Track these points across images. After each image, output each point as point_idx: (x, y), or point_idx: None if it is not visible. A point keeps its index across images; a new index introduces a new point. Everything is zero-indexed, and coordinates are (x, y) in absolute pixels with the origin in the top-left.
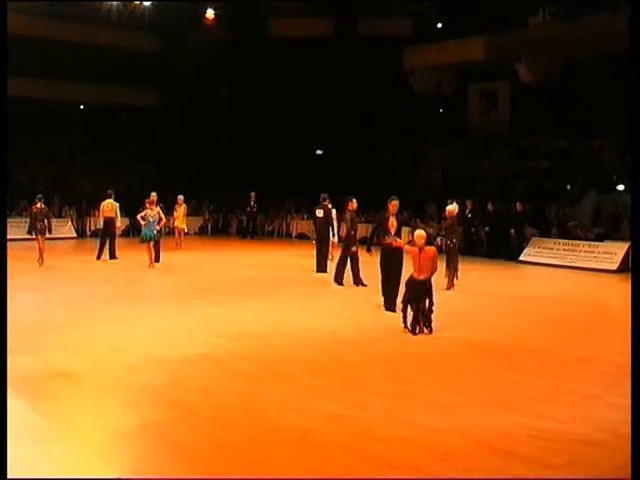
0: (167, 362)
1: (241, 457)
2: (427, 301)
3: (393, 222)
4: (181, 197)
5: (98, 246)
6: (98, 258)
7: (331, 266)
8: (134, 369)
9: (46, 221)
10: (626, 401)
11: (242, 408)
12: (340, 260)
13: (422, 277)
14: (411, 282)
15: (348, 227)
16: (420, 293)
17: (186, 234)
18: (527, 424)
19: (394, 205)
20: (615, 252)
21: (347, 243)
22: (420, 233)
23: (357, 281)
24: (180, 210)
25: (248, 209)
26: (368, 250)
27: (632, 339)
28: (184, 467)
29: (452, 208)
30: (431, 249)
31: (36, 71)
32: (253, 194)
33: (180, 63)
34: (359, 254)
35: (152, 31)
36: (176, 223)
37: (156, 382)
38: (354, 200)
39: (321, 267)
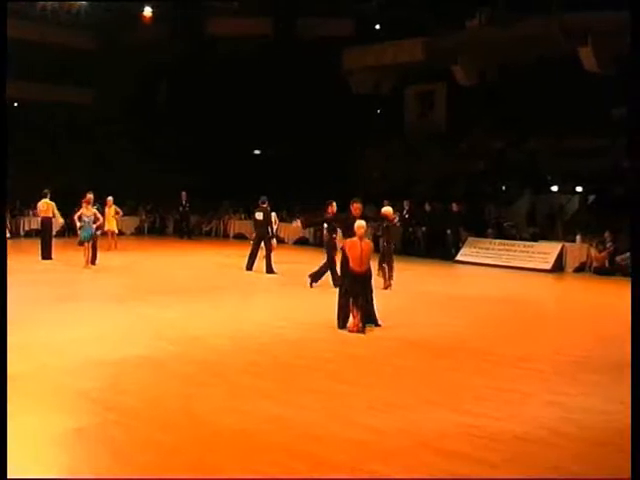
0: (105, 365)
1: (181, 460)
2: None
3: None
4: (110, 198)
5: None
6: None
7: (280, 268)
8: (72, 372)
9: None
10: (563, 399)
11: (182, 411)
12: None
13: (364, 268)
14: (355, 277)
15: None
16: (365, 286)
17: (120, 234)
18: (467, 423)
19: (357, 208)
20: (549, 252)
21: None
22: (361, 223)
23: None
24: (109, 211)
25: (180, 209)
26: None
27: (632, 339)
28: (124, 471)
29: (387, 210)
30: (369, 241)
31: None
32: (184, 194)
33: (117, 62)
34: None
35: (88, 29)
36: (106, 226)
37: (94, 385)
38: (334, 203)
39: (250, 266)
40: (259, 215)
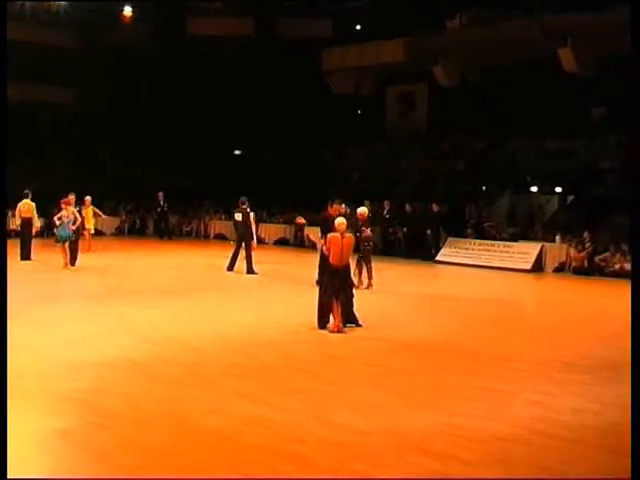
0: (88, 366)
1: (165, 462)
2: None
3: None
4: (88, 198)
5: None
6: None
7: (260, 269)
8: (53, 374)
9: None
10: (548, 399)
11: (164, 413)
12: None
13: (344, 263)
14: (335, 272)
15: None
16: (344, 281)
17: (99, 234)
18: (453, 423)
19: (336, 209)
20: (529, 252)
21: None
22: (341, 219)
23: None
24: (87, 212)
25: (159, 209)
26: None
27: (632, 340)
28: (109, 473)
29: (362, 210)
30: (350, 236)
31: None
32: (161, 194)
33: (99, 61)
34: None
35: (69, 28)
36: (85, 226)
37: (76, 387)
38: (343, 205)
39: (231, 267)
40: (238, 216)
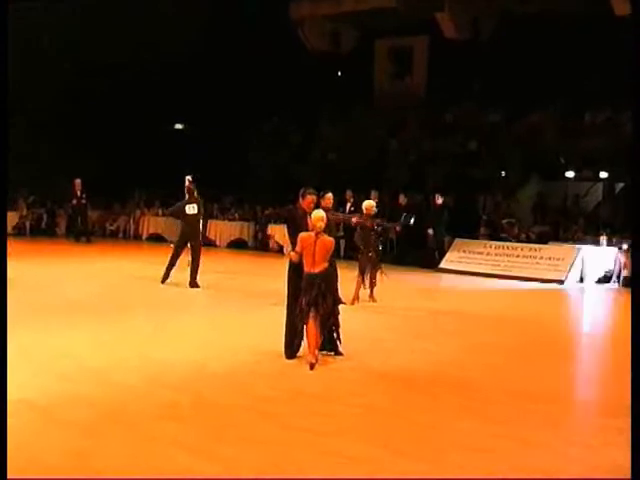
0: None
1: None
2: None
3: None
4: None
5: None
6: None
7: (212, 279)
8: None
9: None
10: (582, 451)
11: (77, 470)
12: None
13: (319, 269)
14: (310, 278)
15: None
16: (326, 287)
17: None
18: None
19: (310, 201)
20: (563, 258)
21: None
22: (319, 214)
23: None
24: None
25: (74, 202)
26: None
27: (632, 346)
28: None
29: (368, 204)
30: (330, 240)
31: None
32: (78, 181)
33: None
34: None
35: None
36: None
37: None
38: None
39: (166, 277)
40: (191, 209)
